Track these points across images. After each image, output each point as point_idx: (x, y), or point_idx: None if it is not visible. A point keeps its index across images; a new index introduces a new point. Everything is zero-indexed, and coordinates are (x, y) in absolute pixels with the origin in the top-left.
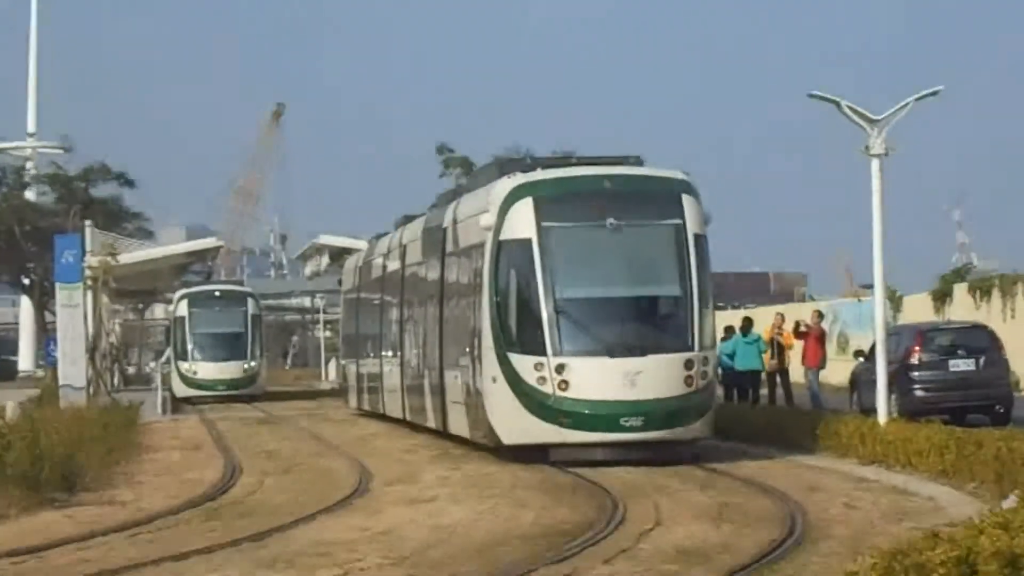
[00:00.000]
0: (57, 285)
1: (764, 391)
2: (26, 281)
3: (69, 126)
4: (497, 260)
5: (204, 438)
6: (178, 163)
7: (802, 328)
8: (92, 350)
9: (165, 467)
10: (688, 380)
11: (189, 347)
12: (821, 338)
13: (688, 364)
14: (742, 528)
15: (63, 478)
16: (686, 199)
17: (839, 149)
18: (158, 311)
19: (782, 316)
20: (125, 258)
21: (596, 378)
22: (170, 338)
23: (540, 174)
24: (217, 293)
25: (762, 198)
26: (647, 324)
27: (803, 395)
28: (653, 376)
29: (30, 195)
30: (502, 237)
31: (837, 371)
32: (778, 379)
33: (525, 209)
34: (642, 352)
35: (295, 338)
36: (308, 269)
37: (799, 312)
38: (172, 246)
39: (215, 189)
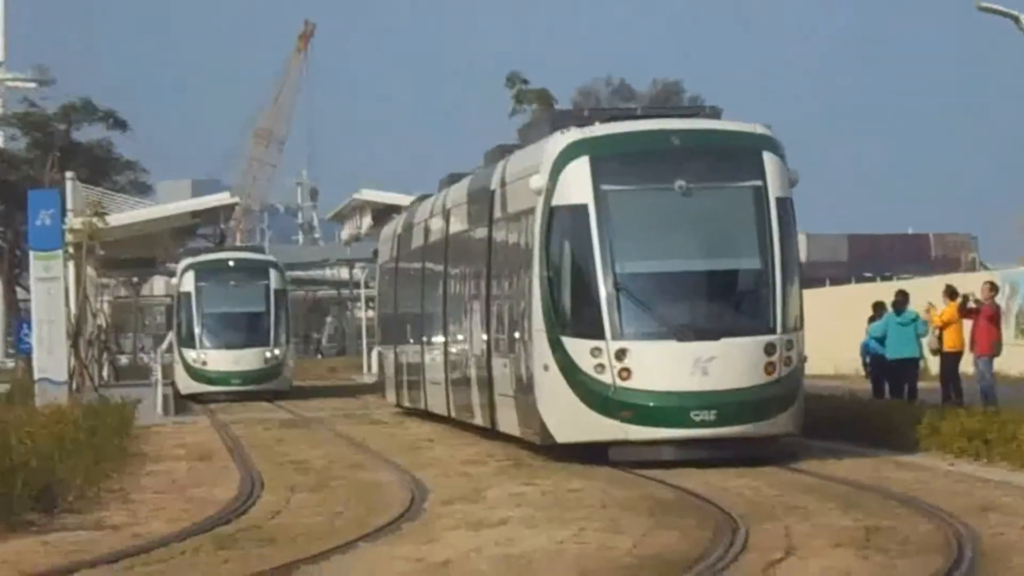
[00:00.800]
0: (31, 253)
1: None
2: None
3: (45, 54)
4: (549, 229)
5: (215, 445)
6: (183, 99)
7: (971, 304)
8: (75, 335)
9: (167, 482)
10: (769, 367)
11: (197, 331)
12: (995, 317)
13: (769, 348)
14: (896, 559)
15: (40, 496)
16: (768, 157)
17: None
18: (158, 286)
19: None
20: (116, 219)
21: (662, 365)
22: (173, 320)
23: (598, 129)
24: (232, 263)
25: (920, 144)
26: (721, 302)
27: (973, 388)
28: (728, 363)
29: None
30: (555, 202)
31: (1016, 359)
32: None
33: (581, 170)
34: (715, 335)
35: (330, 319)
36: (346, 232)
37: (966, 283)
38: (175, 203)
39: (228, 133)
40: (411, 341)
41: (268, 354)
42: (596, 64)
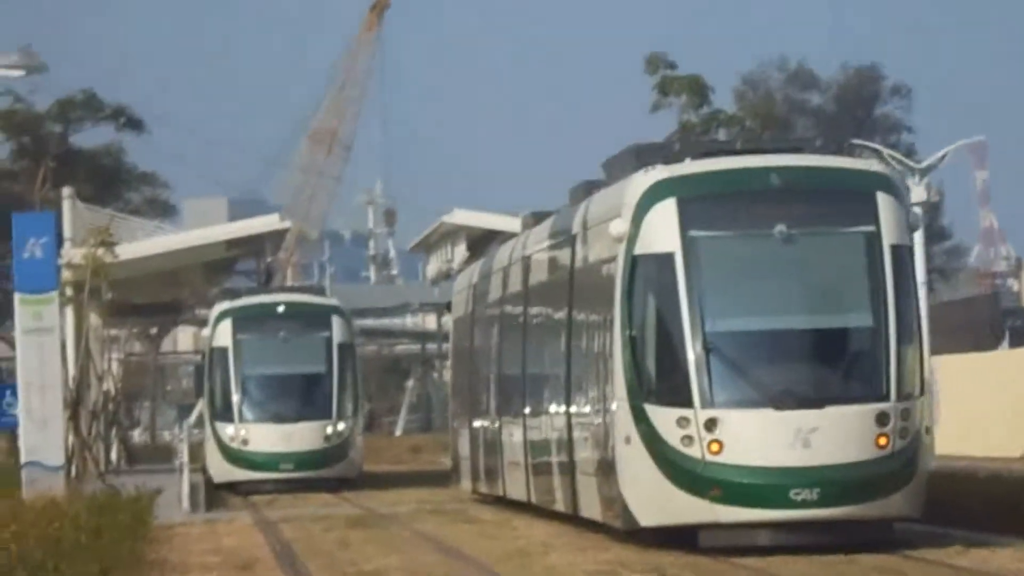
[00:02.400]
0: (16, 296)
1: None
2: None
3: (36, 36)
4: (632, 281)
5: (260, 552)
6: (215, 92)
7: None
8: (75, 404)
9: None
10: (882, 439)
11: (235, 399)
12: None
13: (882, 418)
14: None
15: None
16: (882, 199)
17: None
18: (184, 340)
19: None
20: (129, 250)
21: (758, 437)
22: (204, 384)
23: (687, 166)
24: (281, 309)
25: None
26: (826, 365)
27: None
28: (833, 434)
29: None
30: (637, 251)
31: None
32: None
33: (667, 213)
34: (819, 403)
35: (411, 383)
36: (432, 267)
37: None
38: (206, 230)
39: (275, 136)
40: (487, 414)
41: (329, 430)
42: (761, 43)
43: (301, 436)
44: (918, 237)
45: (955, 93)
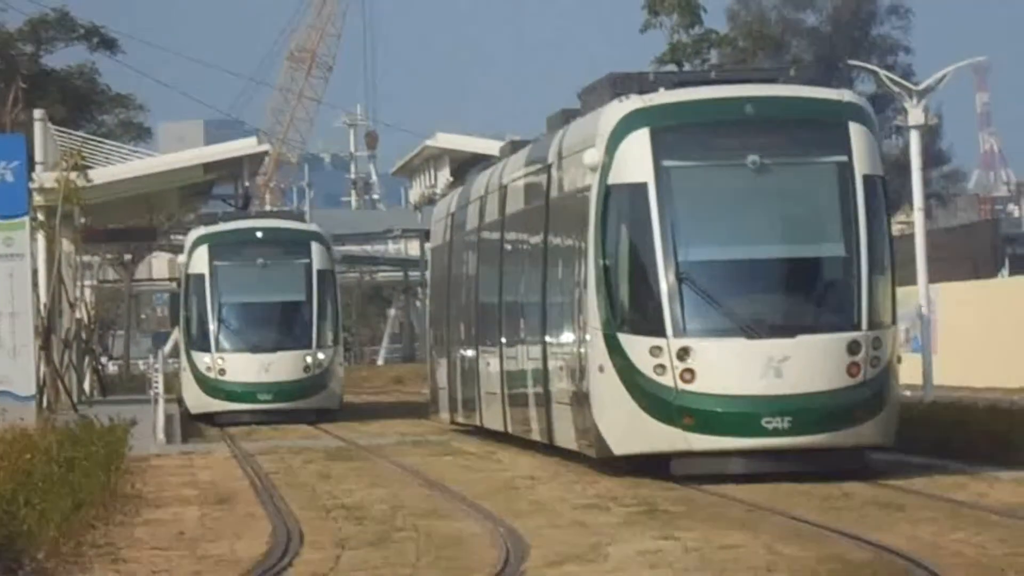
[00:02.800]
0: None
1: None
2: None
3: None
4: (605, 210)
5: (237, 484)
6: (193, 15)
7: None
8: (47, 333)
9: (171, 534)
10: (853, 368)
11: (212, 328)
12: None
13: (853, 347)
14: None
15: None
16: (855, 128)
17: None
18: (159, 266)
19: None
20: (102, 174)
21: (730, 366)
22: (179, 313)
23: (661, 96)
24: (260, 234)
25: None
26: (798, 295)
27: None
28: (805, 363)
29: None
30: (611, 180)
31: None
32: None
33: (640, 144)
34: (791, 332)
35: (393, 311)
36: (415, 192)
37: None
38: (182, 153)
39: (252, 56)
40: (465, 345)
41: (309, 359)
42: None
43: (280, 366)
44: (915, 161)
45: (955, 12)
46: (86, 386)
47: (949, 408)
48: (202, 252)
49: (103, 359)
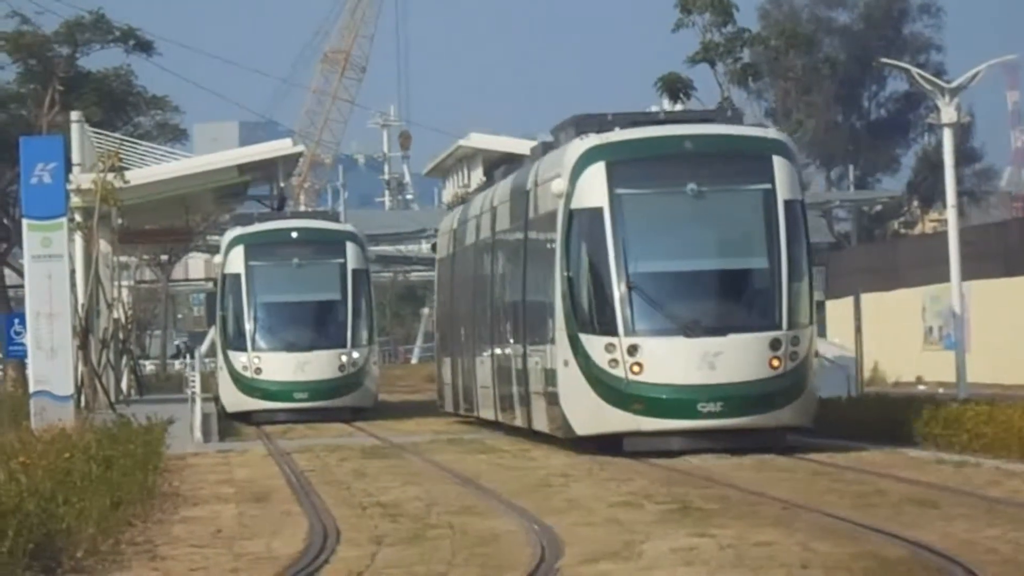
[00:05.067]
0: (24, 222)
1: None
2: None
3: None
4: (569, 231)
5: (274, 482)
6: (228, 18)
7: None
8: (84, 333)
9: (208, 532)
10: (774, 362)
11: (248, 328)
12: None
13: (774, 344)
14: None
15: (38, 551)
16: (778, 161)
17: None
18: (195, 267)
19: None
20: (139, 175)
21: (671, 360)
22: (216, 312)
23: (615, 135)
24: (295, 234)
25: None
26: (729, 300)
27: None
28: (734, 357)
29: None
30: (573, 205)
31: None
32: None
33: (597, 174)
34: (722, 331)
35: (427, 310)
36: (448, 192)
37: None
38: (218, 154)
39: (287, 57)
40: (464, 343)
41: (344, 358)
42: None
43: (315, 365)
44: (948, 159)
45: (986, 11)
46: (124, 385)
47: (981, 405)
48: (238, 252)
49: (141, 359)
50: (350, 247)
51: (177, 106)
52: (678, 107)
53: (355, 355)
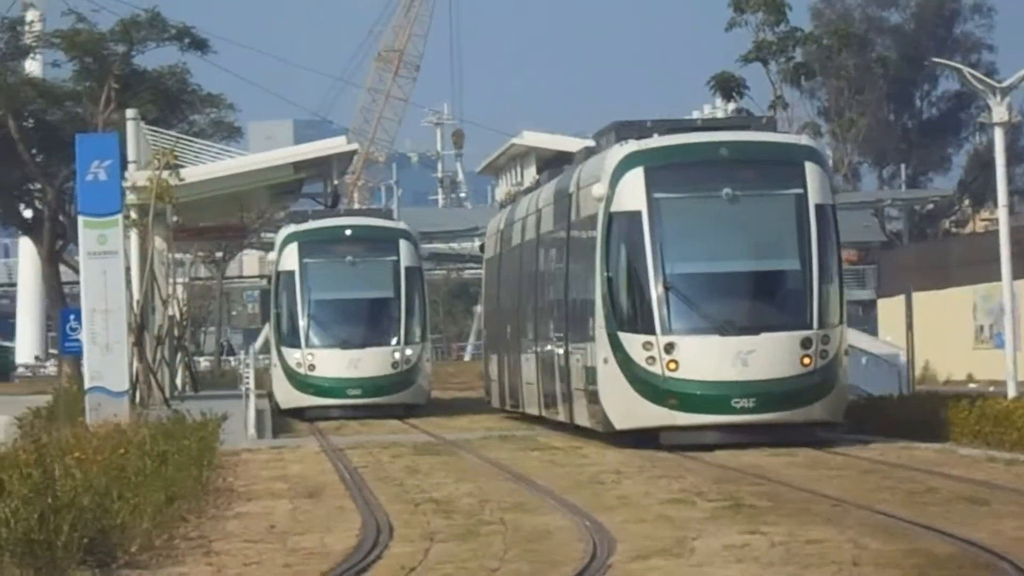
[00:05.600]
0: (80, 219)
1: None
2: (27, 214)
3: None
4: (608, 233)
5: (327, 478)
6: (283, 15)
7: None
8: (139, 329)
9: (262, 527)
10: (805, 360)
11: (301, 325)
12: None
13: (805, 343)
14: None
15: (93, 546)
16: (809, 167)
17: None
18: (250, 264)
19: None
20: (193, 173)
21: (706, 357)
22: (270, 309)
23: (653, 141)
24: (349, 232)
25: None
26: (761, 300)
27: None
28: (766, 355)
29: (33, 68)
30: (613, 209)
31: None
32: None
33: (636, 179)
34: (755, 330)
35: (480, 308)
36: (502, 190)
37: None
38: (272, 152)
39: (341, 56)
40: (510, 341)
41: (397, 355)
42: None
43: (368, 362)
44: (999, 158)
45: None
46: (178, 382)
47: None
48: (292, 249)
49: (195, 356)
50: (403, 244)
51: (232, 104)
52: (731, 106)
53: (408, 352)
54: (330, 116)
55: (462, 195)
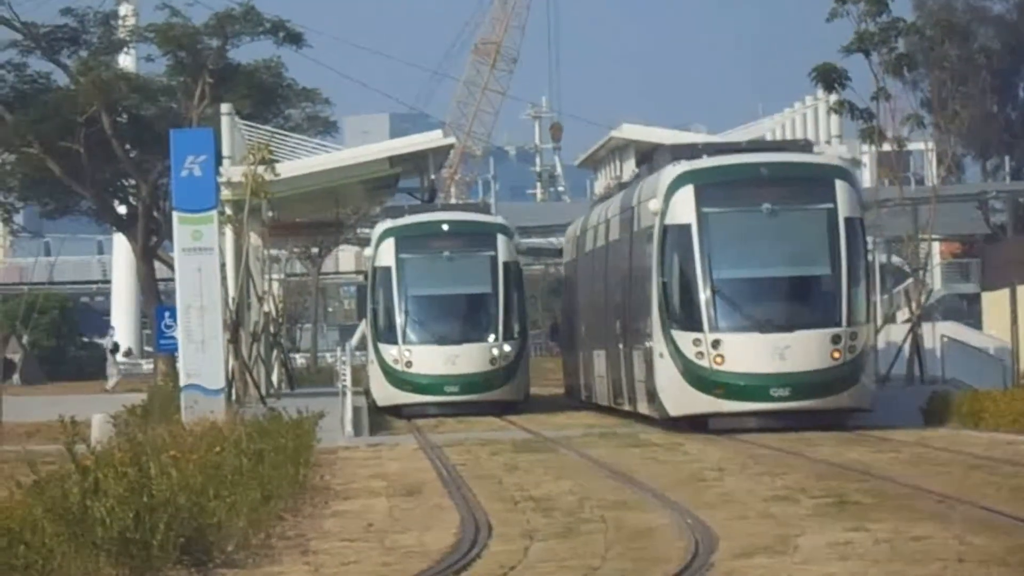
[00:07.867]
0: (175, 215)
1: None
2: (122, 210)
3: None
4: (663, 243)
5: (425, 476)
6: (379, 8)
7: None
8: (235, 326)
9: (360, 526)
10: (835, 354)
11: (398, 321)
12: None
13: (835, 339)
14: None
15: (189, 545)
16: (839, 184)
17: None
18: (346, 259)
19: None
20: (289, 168)
21: (748, 352)
22: (366, 306)
23: (703, 162)
24: (446, 227)
25: None
26: (796, 302)
27: None
28: (801, 350)
29: (127, 62)
30: (667, 222)
31: None
32: None
33: (687, 196)
34: (791, 328)
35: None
36: (600, 184)
37: None
38: (368, 147)
39: (438, 49)
40: (584, 339)
41: (496, 352)
42: None
43: (466, 358)
44: None
45: None
46: (274, 379)
47: None
48: (389, 245)
49: (291, 353)
50: (501, 239)
51: (327, 98)
52: (832, 97)
53: (506, 348)
54: (426, 110)
55: (560, 189)
